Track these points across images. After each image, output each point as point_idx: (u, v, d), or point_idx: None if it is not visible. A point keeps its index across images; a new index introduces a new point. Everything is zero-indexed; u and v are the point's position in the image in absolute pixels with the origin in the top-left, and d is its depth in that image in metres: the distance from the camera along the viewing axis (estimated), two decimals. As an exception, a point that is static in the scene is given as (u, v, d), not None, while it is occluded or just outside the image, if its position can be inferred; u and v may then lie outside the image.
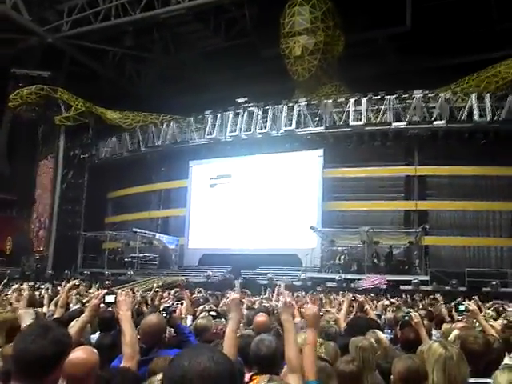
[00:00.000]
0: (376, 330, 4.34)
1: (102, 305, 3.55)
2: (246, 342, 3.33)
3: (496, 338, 4.06)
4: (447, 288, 19.38)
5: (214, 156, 28.83)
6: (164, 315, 4.43)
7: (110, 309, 4.04)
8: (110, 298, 3.36)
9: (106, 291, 3.66)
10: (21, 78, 32.41)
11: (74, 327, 3.21)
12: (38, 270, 28.66)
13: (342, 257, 22.92)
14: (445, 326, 5.36)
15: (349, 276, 21.27)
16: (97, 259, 30.77)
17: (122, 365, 2.91)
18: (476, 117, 23.32)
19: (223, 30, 34.73)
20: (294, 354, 2.74)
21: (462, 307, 4.81)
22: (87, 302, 7.00)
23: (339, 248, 23.60)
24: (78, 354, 2.59)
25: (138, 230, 27.09)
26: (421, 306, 10.10)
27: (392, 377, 2.95)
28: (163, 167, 31.34)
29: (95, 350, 2.76)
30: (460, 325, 4.99)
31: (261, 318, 4.48)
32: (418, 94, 24.63)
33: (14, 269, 27.50)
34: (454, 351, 2.86)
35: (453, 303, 7.74)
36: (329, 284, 20.66)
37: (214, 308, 7.42)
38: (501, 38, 28.09)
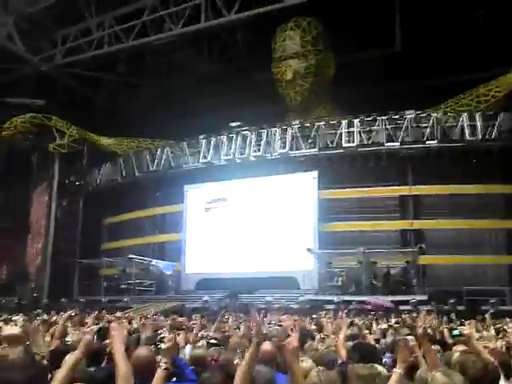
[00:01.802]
0: (374, 365, 4.27)
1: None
2: None
3: (491, 361, 4.03)
4: (446, 307, 19.29)
5: (209, 180, 28.85)
6: (159, 346, 4.37)
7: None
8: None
9: (99, 326, 3.62)
10: (14, 106, 32.53)
11: (67, 363, 3.17)
12: (35, 299, 28.27)
13: (340, 278, 22.82)
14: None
15: (347, 297, 21.16)
16: (93, 286, 30.48)
17: None
18: (467, 136, 23.56)
19: (216, 55, 35.10)
20: None
21: (456, 332, 4.76)
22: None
23: (336, 269, 23.51)
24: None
25: (134, 256, 26.93)
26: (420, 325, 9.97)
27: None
28: (158, 192, 31.31)
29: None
30: (461, 348, 4.95)
31: (266, 346, 4.28)
32: (409, 114, 24.90)
33: (9, 298, 27.19)
34: (457, 379, 2.83)
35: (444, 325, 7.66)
36: (327, 306, 20.48)
37: (212, 335, 7.34)
38: (489, 58, 28.51)
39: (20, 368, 1.94)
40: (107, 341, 3.29)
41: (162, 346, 4.31)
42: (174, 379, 4.29)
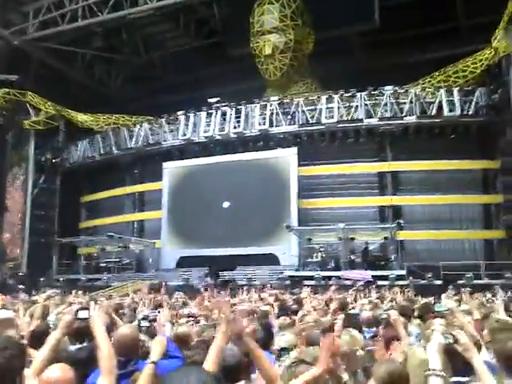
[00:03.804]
0: (350, 329, 4.36)
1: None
2: None
3: (473, 335, 4.09)
4: (423, 282, 19.67)
5: (188, 157, 28.68)
6: (145, 324, 4.34)
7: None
8: (83, 314, 3.27)
9: (78, 306, 3.57)
10: (-15, 82, 31.59)
11: (47, 343, 3.12)
12: (21, 277, 27.95)
13: (319, 254, 23.05)
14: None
15: (327, 273, 21.41)
16: (72, 265, 30.33)
17: (99, 380, 2.83)
18: (445, 112, 23.76)
19: (193, 29, 34.53)
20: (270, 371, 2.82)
21: (440, 307, 4.79)
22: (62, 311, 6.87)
23: (316, 245, 23.72)
24: (53, 372, 2.53)
25: (114, 234, 26.75)
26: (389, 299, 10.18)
27: (374, 381, 2.94)
28: (136, 170, 31.01)
29: (70, 367, 2.70)
30: (439, 321, 5.01)
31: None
32: (388, 90, 24.96)
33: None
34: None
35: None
36: (307, 282, 20.73)
37: (192, 312, 7.35)
38: (468, 33, 28.63)
39: None
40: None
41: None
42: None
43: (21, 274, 28.53)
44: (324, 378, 2.89)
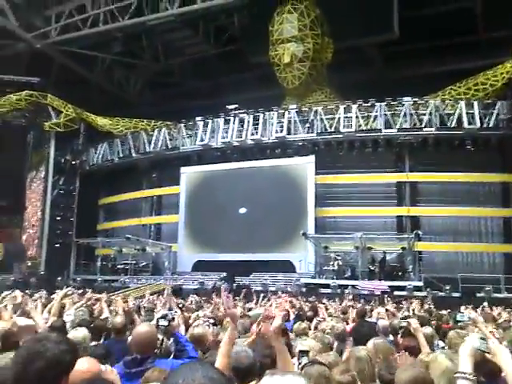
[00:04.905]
0: (377, 338, 4.27)
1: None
2: None
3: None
4: (441, 294, 19.40)
5: (206, 162, 28.79)
6: (163, 323, 4.32)
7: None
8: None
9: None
10: (9, 83, 32.05)
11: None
12: (42, 276, 28.23)
13: (336, 262, 22.89)
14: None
15: (343, 282, 21.26)
16: (89, 266, 30.61)
17: None
18: (465, 124, 23.53)
19: (212, 36, 34.76)
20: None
21: (461, 317, 4.70)
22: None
23: (332, 254, 23.58)
24: (81, 364, 2.56)
25: (131, 236, 26.94)
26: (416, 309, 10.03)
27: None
28: (154, 174, 31.23)
29: (96, 361, 2.73)
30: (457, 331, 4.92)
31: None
32: (407, 101, 24.81)
33: (6, 276, 27.19)
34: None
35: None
36: (323, 290, 20.61)
37: (210, 315, 7.33)
38: (487, 47, 28.41)
39: (54, 341, 1.96)
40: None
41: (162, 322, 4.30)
42: (172, 356, 4.27)
43: (41, 273, 28.87)
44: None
